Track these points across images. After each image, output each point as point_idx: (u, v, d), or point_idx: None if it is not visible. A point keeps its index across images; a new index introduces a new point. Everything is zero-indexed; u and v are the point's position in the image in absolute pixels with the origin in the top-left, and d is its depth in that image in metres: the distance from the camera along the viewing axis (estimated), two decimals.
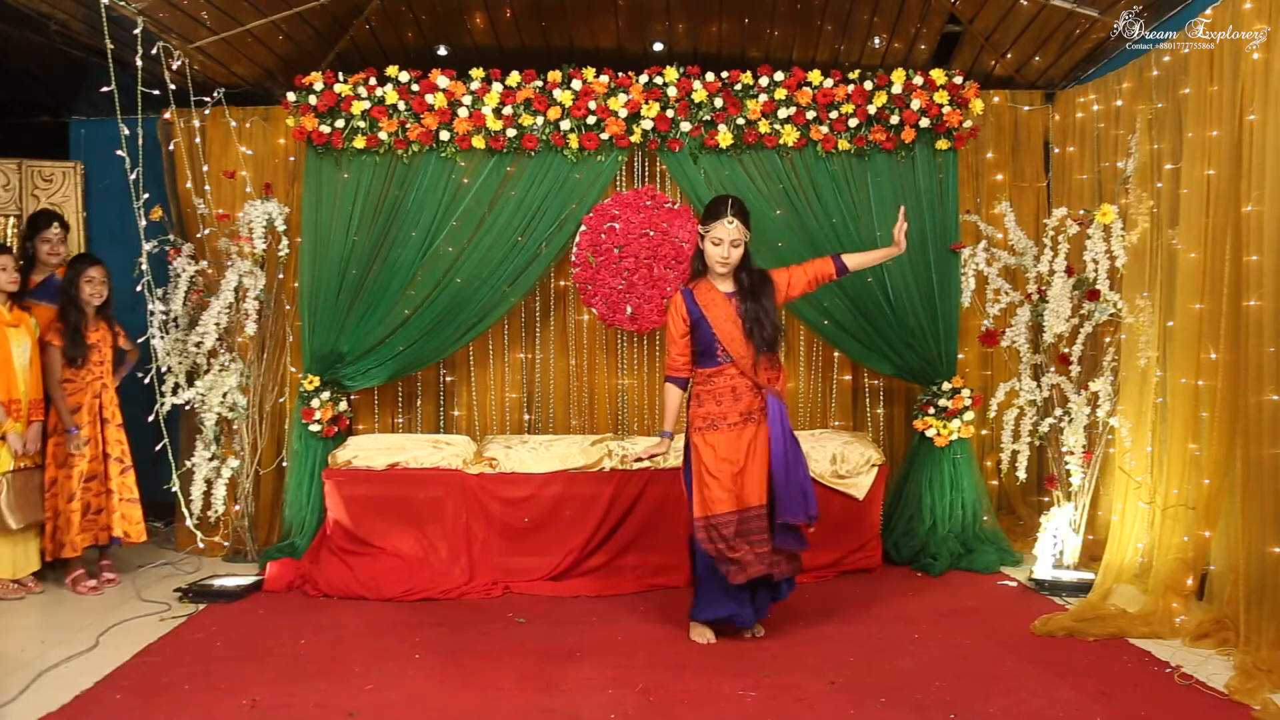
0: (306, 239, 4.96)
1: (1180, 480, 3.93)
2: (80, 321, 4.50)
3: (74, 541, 4.41)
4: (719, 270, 3.69)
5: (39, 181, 5.60)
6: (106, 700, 3.18)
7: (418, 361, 5.05)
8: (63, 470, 4.46)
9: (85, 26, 4.49)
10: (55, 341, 4.45)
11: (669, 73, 4.84)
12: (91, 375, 4.55)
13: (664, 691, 3.22)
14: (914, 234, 4.90)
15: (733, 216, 3.63)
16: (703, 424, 3.69)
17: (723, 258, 3.65)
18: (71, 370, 4.49)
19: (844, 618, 3.99)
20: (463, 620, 4.03)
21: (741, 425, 3.66)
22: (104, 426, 4.58)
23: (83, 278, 4.50)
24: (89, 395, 4.53)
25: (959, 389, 4.91)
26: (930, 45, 5.27)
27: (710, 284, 3.72)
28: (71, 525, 4.41)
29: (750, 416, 3.67)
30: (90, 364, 4.54)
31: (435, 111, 4.82)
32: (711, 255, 3.67)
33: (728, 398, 3.67)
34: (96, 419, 4.56)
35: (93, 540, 4.52)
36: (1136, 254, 4.33)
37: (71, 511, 4.42)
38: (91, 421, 4.53)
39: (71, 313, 4.48)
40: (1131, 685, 3.23)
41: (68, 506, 4.43)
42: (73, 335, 4.47)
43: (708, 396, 3.71)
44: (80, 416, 4.49)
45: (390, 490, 4.59)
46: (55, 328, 4.47)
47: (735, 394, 3.67)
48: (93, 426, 4.54)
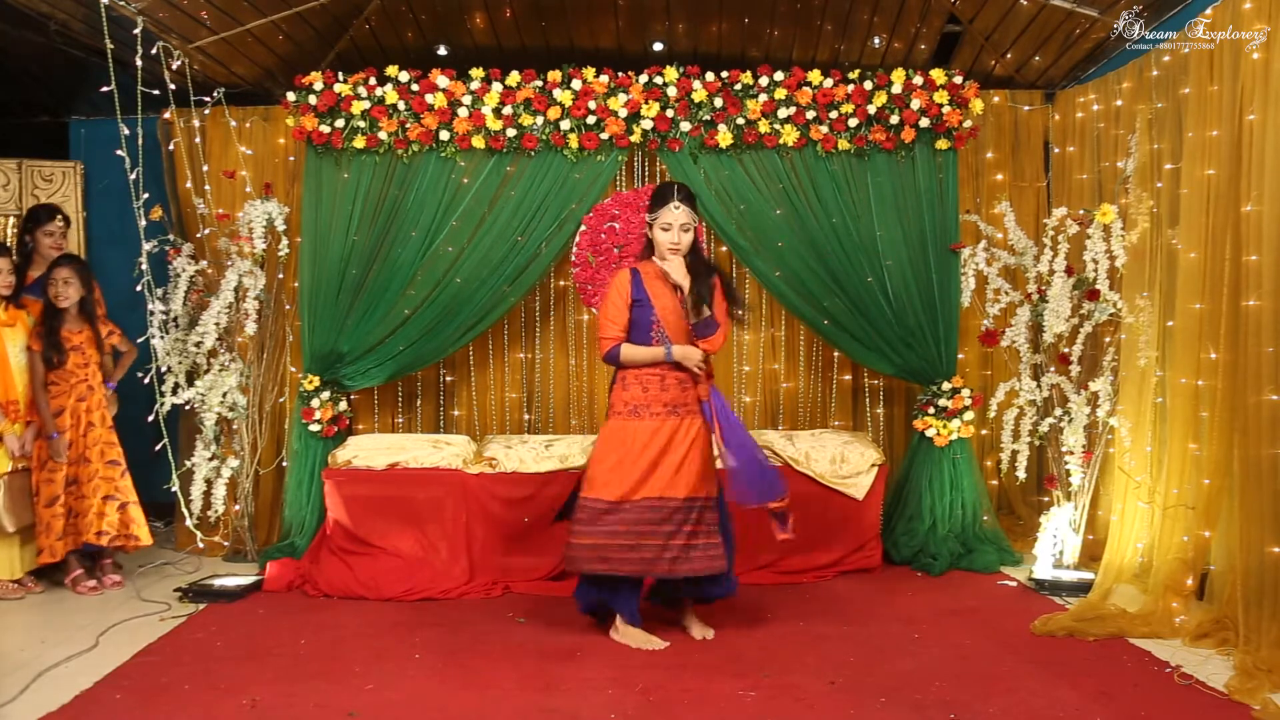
0: (306, 239, 4.96)
1: (1180, 480, 3.93)
2: (56, 323, 4.42)
3: (54, 547, 4.33)
4: (667, 256, 3.66)
5: (39, 181, 5.60)
6: (106, 700, 3.18)
7: (418, 361, 5.05)
8: (43, 474, 4.39)
9: (85, 26, 4.49)
10: (34, 346, 4.39)
11: (669, 73, 4.84)
12: (75, 378, 4.46)
13: (664, 691, 3.22)
14: (914, 234, 4.92)
15: (679, 201, 3.62)
16: (624, 409, 3.65)
17: (673, 243, 3.63)
18: (53, 373, 4.42)
19: (844, 618, 3.99)
20: (463, 620, 4.03)
21: (665, 416, 3.61)
22: (87, 430, 4.49)
23: (48, 279, 4.43)
24: (72, 398, 4.44)
25: (959, 389, 4.91)
26: (930, 45, 5.27)
27: (657, 268, 3.70)
28: (52, 530, 4.34)
29: (676, 409, 3.63)
30: (72, 366, 4.45)
31: (435, 111, 4.82)
32: (661, 241, 3.64)
33: (655, 385, 3.64)
34: (79, 422, 4.48)
35: (74, 545, 4.41)
36: (1136, 254, 4.33)
37: (54, 516, 4.35)
38: (74, 425, 4.45)
39: (48, 316, 4.42)
40: (1131, 685, 3.23)
41: (48, 511, 4.35)
42: (49, 337, 4.39)
43: (634, 382, 3.65)
44: (63, 419, 4.41)
45: (390, 490, 4.59)
46: (35, 330, 4.42)
47: (663, 384, 3.64)
48: (74, 430, 4.45)
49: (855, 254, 4.89)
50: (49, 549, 4.34)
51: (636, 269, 3.72)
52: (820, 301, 4.90)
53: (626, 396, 3.66)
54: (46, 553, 4.35)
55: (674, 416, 3.62)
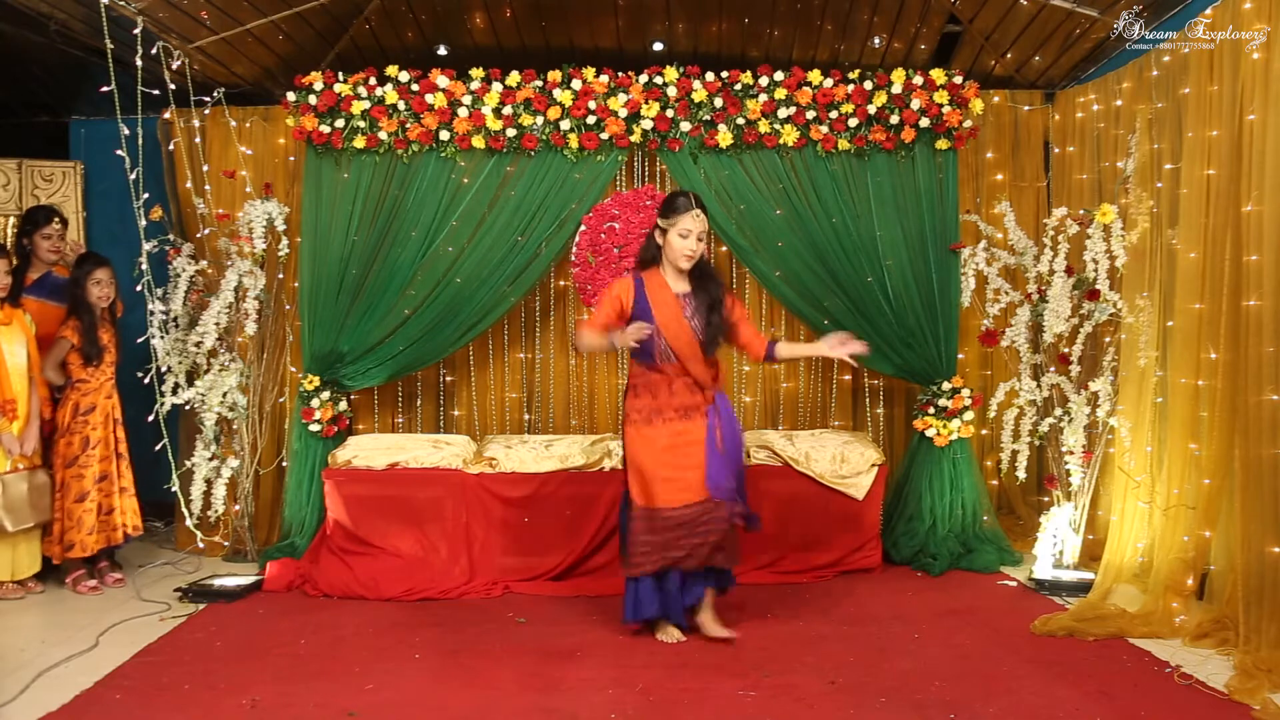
0: (306, 239, 4.96)
1: (1180, 480, 3.93)
2: (94, 321, 4.51)
3: (84, 542, 4.41)
4: (683, 265, 3.66)
5: (39, 181, 5.60)
6: (106, 700, 3.18)
7: (418, 361, 5.05)
8: (70, 470, 4.45)
9: (85, 26, 4.49)
10: (72, 338, 4.45)
11: (669, 73, 4.84)
12: (104, 376, 4.57)
13: (664, 691, 3.22)
14: (914, 234, 4.92)
15: (699, 209, 3.63)
16: (638, 417, 3.68)
17: (689, 251, 3.63)
18: (87, 371, 4.50)
19: (844, 618, 3.99)
20: (463, 620, 4.03)
21: (678, 419, 3.64)
22: (115, 426, 4.61)
23: (90, 279, 4.51)
24: (102, 396, 4.55)
25: (959, 389, 4.91)
26: (930, 45, 5.27)
27: (662, 279, 3.70)
28: (83, 525, 4.41)
29: (688, 413, 3.65)
30: (104, 364, 4.56)
31: (435, 111, 4.82)
32: (678, 248, 3.63)
33: (664, 392, 3.66)
34: (109, 419, 4.57)
35: (106, 542, 4.52)
36: (1136, 254, 4.33)
37: (84, 512, 4.42)
38: (104, 422, 4.54)
39: (84, 313, 4.49)
40: (1131, 685, 3.23)
41: (79, 506, 4.42)
42: (89, 335, 4.48)
43: (644, 389, 3.69)
44: (94, 416, 4.50)
45: (390, 490, 4.59)
46: (72, 325, 4.47)
47: (672, 390, 3.66)
48: (105, 427, 4.55)
49: (855, 254, 4.89)
50: (80, 543, 4.41)
51: (641, 278, 3.71)
52: (820, 301, 4.90)
53: (639, 404, 3.70)
54: (78, 547, 4.41)
55: (685, 420, 3.66)
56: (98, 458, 4.50)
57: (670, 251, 3.67)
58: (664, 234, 3.67)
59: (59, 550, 4.41)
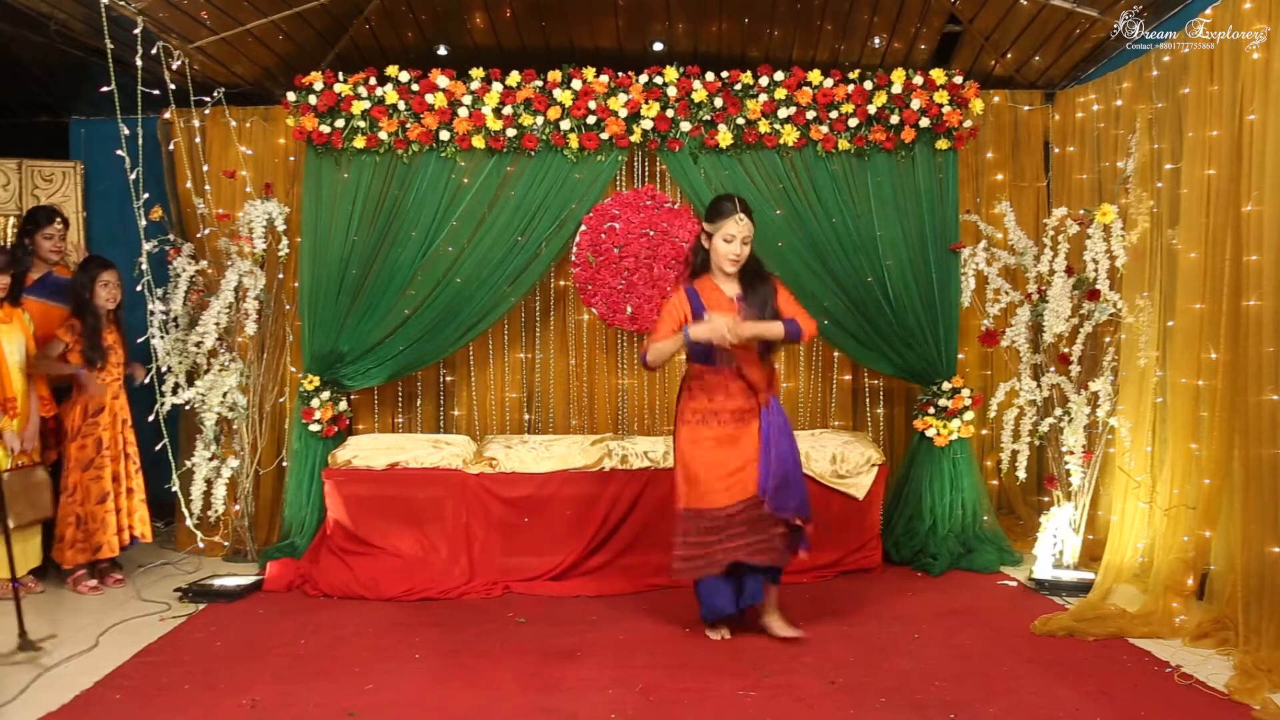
0: (306, 239, 4.96)
1: (1180, 480, 3.93)
2: (98, 324, 4.50)
3: (110, 542, 4.45)
4: (728, 269, 3.67)
5: (39, 181, 5.60)
6: (106, 700, 3.18)
7: (418, 361, 5.05)
8: (89, 474, 4.45)
9: (85, 26, 4.49)
10: (65, 337, 4.43)
11: (669, 73, 4.84)
12: (110, 377, 4.56)
13: (664, 691, 3.22)
14: (914, 234, 4.92)
15: (743, 213, 3.63)
16: (693, 417, 3.69)
17: (734, 255, 3.64)
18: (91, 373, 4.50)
19: (844, 618, 3.99)
20: (463, 620, 4.03)
21: (733, 421, 3.66)
22: (124, 428, 4.62)
23: (98, 282, 4.49)
24: (108, 396, 4.55)
25: (959, 389, 4.91)
26: (930, 45, 5.27)
27: (713, 284, 3.71)
28: (107, 526, 4.44)
29: (743, 416, 3.67)
30: (109, 366, 4.55)
31: (435, 111, 4.82)
32: (723, 253, 3.64)
33: (720, 394, 3.67)
34: (116, 420, 4.58)
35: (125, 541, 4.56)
36: (1136, 254, 4.33)
37: (107, 513, 4.45)
38: (112, 424, 4.55)
39: (88, 316, 4.48)
40: (1131, 685, 3.23)
41: (101, 508, 4.44)
42: (92, 339, 4.47)
43: (700, 390, 3.71)
44: (103, 417, 4.51)
45: (390, 490, 4.59)
46: (71, 326, 4.46)
47: (728, 392, 3.67)
48: (113, 429, 4.55)
49: (855, 254, 4.90)
50: (107, 544, 4.45)
51: (693, 288, 3.71)
52: (820, 301, 4.90)
53: (695, 405, 3.70)
54: (106, 548, 4.45)
55: (741, 423, 3.66)
56: (110, 458, 4.51)
57: (715, 256, 3.68)
58: (709, 238, 3.68)
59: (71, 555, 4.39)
